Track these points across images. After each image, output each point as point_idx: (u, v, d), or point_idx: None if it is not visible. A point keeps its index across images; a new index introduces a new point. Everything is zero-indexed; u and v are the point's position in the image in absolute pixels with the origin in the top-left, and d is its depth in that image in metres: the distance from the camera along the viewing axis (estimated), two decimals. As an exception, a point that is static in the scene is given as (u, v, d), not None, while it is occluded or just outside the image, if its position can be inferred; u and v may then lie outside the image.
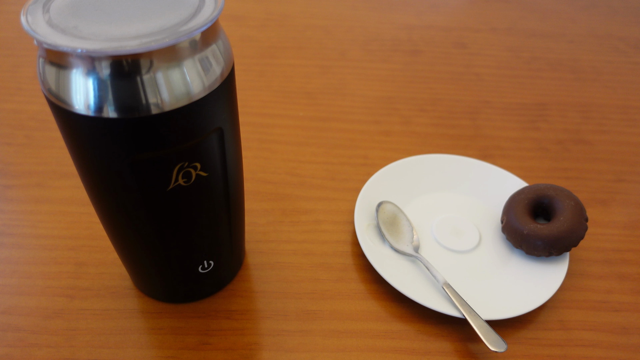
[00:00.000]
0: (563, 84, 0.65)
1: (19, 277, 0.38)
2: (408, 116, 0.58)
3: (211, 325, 0.36)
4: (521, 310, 0.36)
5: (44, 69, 0.23)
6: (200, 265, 0.34)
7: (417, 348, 0.35)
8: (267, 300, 0.38)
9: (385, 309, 0.37)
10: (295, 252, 0.41)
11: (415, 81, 0.64)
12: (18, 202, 0.44)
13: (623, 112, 0.61)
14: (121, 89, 0.22)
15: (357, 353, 0.35)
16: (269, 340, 0.35)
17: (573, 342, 0.36)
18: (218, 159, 0.29)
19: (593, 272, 0.41)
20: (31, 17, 0.23)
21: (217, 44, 0.25)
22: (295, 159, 0.51)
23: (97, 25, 0.22)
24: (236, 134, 0.30)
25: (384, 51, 0.70)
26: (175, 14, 0.24)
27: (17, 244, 0.41)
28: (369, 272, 0.40)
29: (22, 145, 0.50)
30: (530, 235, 0.39)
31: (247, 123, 0.55)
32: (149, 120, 0.23)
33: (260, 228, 0.43)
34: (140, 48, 0.21)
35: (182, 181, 0.27)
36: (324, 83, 0.63)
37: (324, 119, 0.57)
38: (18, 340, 0.34)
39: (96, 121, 0.23)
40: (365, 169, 0.50)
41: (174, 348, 0.34)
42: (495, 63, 0.69)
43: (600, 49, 0.74)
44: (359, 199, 0.43)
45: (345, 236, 0.43)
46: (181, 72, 0.23)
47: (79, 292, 0.37)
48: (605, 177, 0.51)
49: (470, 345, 0.35)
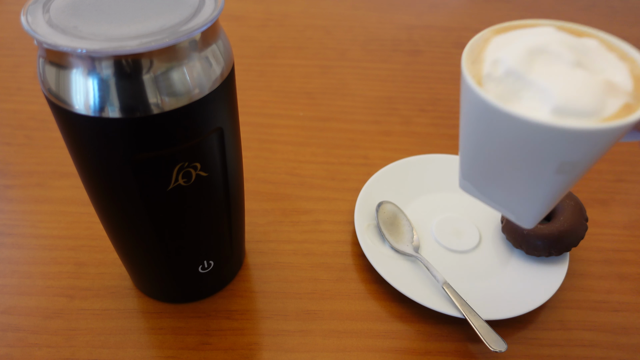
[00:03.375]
0: (563, 84, 0.65)
1: (19, 277, 0.38)
2: (408, 116, 0.58)
3: (211, 325, 0.36)
4: (521, 310, 0.36)
5: (44, 69, 0.23)
6: (201, 265, 0.34)
7: (417, 348, 0.35)
8: (267, 300, 0.38)
9: (385, 309, 0.37)
10: (295, 252, 0.41)
11: (415, 81, 0.64)
12: (18, 202, 0.44)
13: (623, 112, 0.61)
14: (121, 89, 0.22)
15: (357, 353, 0.35)
16: (269, 340, 0.35)
17: (573, 342, 0.36)
18: (218, 159, 0.29)
19: (593, 272, 0.41)
20: (31, 17, 0.23)
21: (217, 44, 0.25)
22: (295, 159, 0.51)
23: (97, 25, 0.22)
24: (236, 134, 0.30)
25: (384, 51, 0.70)
26: (175, 14, 0.24)
27: (17, 244, 0.41)
28: (369, 272, 0.40)
29: (22, 145, 0.50)
30: (530, 235, 0.39)
31: (247, 123, 0.55)
32: (149, 120, 0.23)
33: (260, 228, 0.43)
34: (140, 48, 0.21)
35: (182, 181, 0.27)
36: (324, 83, 0.63)
37: (324, 119, 0.57)
38: (18, 340, 0.34)
39: (96, 121, 0.23)
40: (365, 169, 0.50)
41: (174, 348, 0.34)
42: (495, 63, 0.69)
43: (600, 49, 0.74)
44: (359, 199, 0.43)
45: (345, 236, 0.43)
46: (181, 72, 0.23)
47: (79, 292, 0.37)
48: (605, 177, 0.51)
49: (470, 345, 0.35)
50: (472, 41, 0.25)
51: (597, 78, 0.23)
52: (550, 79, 0.22)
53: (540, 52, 0.23)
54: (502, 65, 0.23)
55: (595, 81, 0.22)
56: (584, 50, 0.24)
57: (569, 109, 0.21)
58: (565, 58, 0.23)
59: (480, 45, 0.25)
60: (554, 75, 0.22)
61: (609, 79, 0.23)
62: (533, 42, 0.24)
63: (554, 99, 0.22)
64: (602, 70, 0.24)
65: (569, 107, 0.21)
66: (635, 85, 0.23)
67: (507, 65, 0.23)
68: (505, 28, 0.26)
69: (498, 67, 0.24)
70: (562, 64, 0.23)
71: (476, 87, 0.23)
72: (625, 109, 0.22)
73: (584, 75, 0.22)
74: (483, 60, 0.24)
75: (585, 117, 0.21)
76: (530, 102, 0.22)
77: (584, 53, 0.24)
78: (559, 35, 0.24)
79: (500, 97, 0.23)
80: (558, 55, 0.23)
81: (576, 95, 0.22)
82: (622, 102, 0.22)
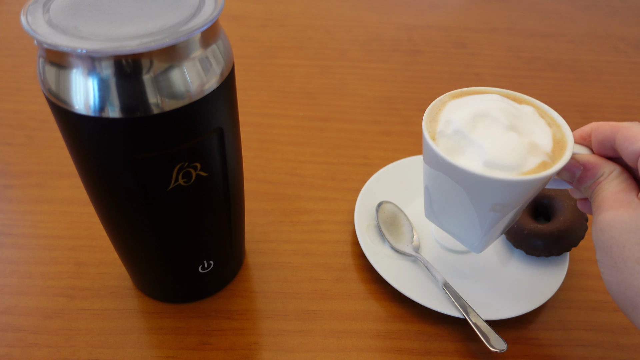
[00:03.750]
0: (563, 84, 0.65)
1: (19, 277, 0.38)
2: (408, 116, 0.58)
3: (211, 325, 0.36)
4: (521, 310, 0.36)
5: (44, 69, 0.23)
6: (201, 265, 0.34)
7: (417, 348, 0.35)
8: (267, 300, 0.38)
9: (385, 309, 0.37)
10: (295, 252, 0.41)
11: (415, 81, 0.64)
12: (18, 202, 0.44)
13: (623, 112, 0.61)
14: (121, 89, 0.22)
15: (357, 353, 0.35)
16: (269, 340, 0.35)
17: (573, 342, 0.36)
18: (218, 159, 0.29)
19: (593, 272, 0.41)
20: (31, 17, 0.23)
21: (217, 44, 0.25)
22: (295, 159, 0.51)
23: (97, 25, 0.22)
24: (236, 134, 0.30)
25: (384, 51, 0.70)
26: (175, 14, 0.24)
27: (17, 244, 0.41)
28: (369, 272, 0.40)
29: (22, 145, 0.50)
30: (530, 235, 0.39)
31: (247, 123, 0.55)
32: (149, 120, 0.23)
33: (260, 228, 0.43)
34: (140, 48, 0.21)
35: (182, 181, 0.27)
36: (324, 83, 0.63)
37: (324, 119, 0.57)
38: (18, 340, 0.34)
39: (96, 121, 0.23)
40: (365, 169, 0.50)
41: (174, 348, 0.34)
42: (495, 63, 0.69)
43: (600, 49, 0.74)
44: (359, 199, 0.43)
45: (345, 236, 0.43)
46: (181, 72, 0.23)
47: (79, 292, 0.37)
48: (605, 177, 0.51)
49: (470, 345, 0.35)
50: (432, 103, 0.32)
51: (524, 140, 0.28)
52: (486, 139, 0.28)
53: (482, 117, 0.29)
54: (452, 125, 0.29)
55: (521, 143, 0.28)
56: (519, 115, 0.30)
57: (496, 164, 0.27)
58: (501, 122, 0.29)
59: (438, 107, 0.32)
60: (489, 137, 0.28)
61: (533, 141, 0.29)
62: (478, 108, 0.30)
63: (486, 155, 0.28)
64: (530, 133, 0.29)
65: (496, 162, 0.27)
66: (554, 147, 0.29)
67: (456, 125, 0.29)
68: (460, 93, 0.33)
69: (449, 126, 0.30)
70: (498, 127, 0.29)
71: (431, 141, 0.29)
72: (542, 166, 0.28)
73: (513, 137, 0.28)
74: (439, 120, 0.31)
75: (508, 171, 0.27)
76: (470, 156, 0.28)
77: (519, 118, 0.30)
78: (501, 102, 0.30)
79: (447, 150, 0.29)
80: (496, 120, 0.29)
81: (503, 153, 0.28)
82: (540, 160, 0.28)
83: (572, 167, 0.29)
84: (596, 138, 0.29)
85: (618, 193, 0.27)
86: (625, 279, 0.26)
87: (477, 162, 0.28)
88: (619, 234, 0.26)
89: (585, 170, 0.28)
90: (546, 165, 0.28)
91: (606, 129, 0.28)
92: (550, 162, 0.28)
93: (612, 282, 0.27)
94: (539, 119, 0.31)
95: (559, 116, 0.31)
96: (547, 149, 0.29)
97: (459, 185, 0.29)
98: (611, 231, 0.26)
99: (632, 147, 0.26)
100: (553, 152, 0.29)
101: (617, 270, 0.26)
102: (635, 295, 0.25)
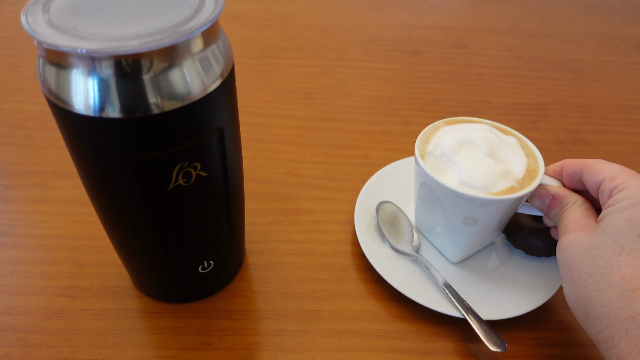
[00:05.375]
0: (563, 84, 0.65)
1: (19, 277, 0.38)
2: (408, 116, 0.58)
3: (211, 325, 0.36)
4: (521, 310, 0.36)
5: (44, 69, 0.23)
6: (201, 265, 0.34)
7: (417, 348, 0.35)
8: (267, 300, 0.38)
9: (385, 309, 0.37)
10: (295, 252, 0.41)
11: (415, 81, 0.64)
12: (18, 202, 0.44)
13: (623, 112, 0.61)
14: (121, 89, 0.22)
15: (357, 353, 0.35)
16: (269, 340, 0.35)
17: (573, 342, 0.36)
18: (218, 159, 0.29)
19: (593, 272, 0.41)
20: (31, 17, 0.23)
21: (217, 44, 0.25)
22: (295, 159, 0.51)
23: (97, 25, 0.22)
24: (236, 134, 0.30)
25: (384, 51, 0.70)
26: (175, 14, 0.24)
27: (17, 244, 0.41)
28: (369, 272, 0.40)
29: (22, 145, 0.51)
30: (530, 235, 0.39)
31: (247, 123, 0.55)
32: (149, 120, 0.23)
33: (260, 228, 0.43)
34: (140, 48, 0.21)
35: (182, 181, 0.27)
36: (324, 83, 0.63)
37: (324, 119, 0.57)
38: (18, 340, 0.34)
39: (96, 121, 0.23)
40: (365, 169, 0.50)
41: (174, 348, 0.34)
42: (495, 63, 0.69)
43: (600, 49, 0.74)
44: (359, 199, 0.43)
45: (345, 236, 0.43)
46: (181, 72, 0.23)
47: (79, 292, 0.37)
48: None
49: (470, 345, 0.35)
50: (427, 127, 0.37)
51: (499, 166, 0.33)
52: (466, 162, 0.34)
53: (467, 143, 0.35)
54: (440, 148, 0.35)
55: (495, 168, 0.33)
56: (501, 144, 0.35)
57: (469, 183, 0.33)
58: (482, 149, 0.34)
59: (432, 131, 0.38)
60: (469, 161, 0.34)
61: (508, 168, 0.34)
62: (464, 136, 0.35)
63: (462, 175, 0.33)
64: (506, 161, 0.35)
65: (469, 181, 0.33)
66: (525, 175, 0.34)
67: (443, 149, 0.35)
68: (453, 121, 0.38)
69: (437, 149, 0.35)
70: (479, 153, 0.34)
71: (420, 159, 0.35)
72: (509, 190, 0.33)
73: (490, 163, 0.34)
74: (430, 142, 0.36)
75: (478, 190, 0.33)
76: (450, 175, 0.34)
77: (500, 147, 0.35)
78: (488, 132, 0.35)
79: (433, 169, 0.35)
80: (478, 147, 0.34)
81: (476, 175, 0.33)
82: (509, 185, 0.33)
83: (543, 195, 0.34)
84: (566, 172, 0.33)
85: (580, 219, 0.31)
86: (580, 291, 0.29)
87: (454, 180, 0.33)
88: (577, 252, 0.29)
89: (553, 199, 0.33)
90: (513, 189, 0.33)
91: (575, 165, 0.33)
92: (518, 188, 0.33)
93: (570, 295, 0.30)
94: (519, 150, 0.36)
95: (537, 150, 0.36)
96: (518, 176, 0.34)
97: (439, 198, 0.35)
98: (571, 249, 0.30)
99: (595, 179, 0.31)
100: (523, 180, 0.34)
101: (574, 284, 0.29)
102: (587, 305, 0.28)
